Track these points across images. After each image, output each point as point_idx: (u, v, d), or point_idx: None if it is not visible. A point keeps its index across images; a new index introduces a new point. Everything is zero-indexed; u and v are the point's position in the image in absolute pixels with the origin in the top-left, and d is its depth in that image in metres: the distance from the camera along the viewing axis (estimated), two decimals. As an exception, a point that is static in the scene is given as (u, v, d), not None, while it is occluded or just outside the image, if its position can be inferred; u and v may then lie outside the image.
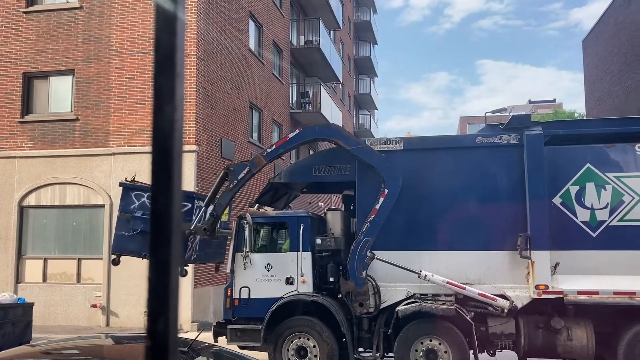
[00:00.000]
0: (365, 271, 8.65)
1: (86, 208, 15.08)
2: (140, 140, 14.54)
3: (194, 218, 9.15)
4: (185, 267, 9.99)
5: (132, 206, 9.30)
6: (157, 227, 1.08)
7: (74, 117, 15.25)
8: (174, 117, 1.07)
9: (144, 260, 13.30)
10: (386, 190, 8.71)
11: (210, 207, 9.06)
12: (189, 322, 13.89)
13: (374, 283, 8.71)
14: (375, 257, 8.62)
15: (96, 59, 15.25)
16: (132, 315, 14.20)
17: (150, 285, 1.09)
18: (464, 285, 8.44)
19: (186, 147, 14.36)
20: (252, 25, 19.50)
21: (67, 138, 15.26)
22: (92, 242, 14.99)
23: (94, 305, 14.44)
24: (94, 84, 15.22)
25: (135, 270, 13.97)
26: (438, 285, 8.51)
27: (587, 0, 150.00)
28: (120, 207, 9.50)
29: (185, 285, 14.08)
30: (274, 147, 9.39)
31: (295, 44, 25.33)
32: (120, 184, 9.73)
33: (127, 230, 9.24)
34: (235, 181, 9.15)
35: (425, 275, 8.45)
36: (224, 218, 9.90)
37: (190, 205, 9.37)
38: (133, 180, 9.57)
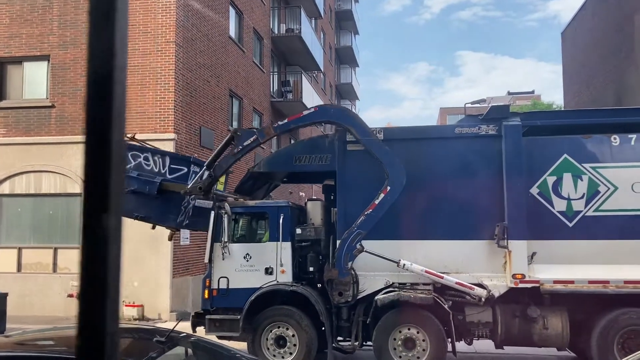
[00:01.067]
0: (351, 262, 8.66)
1: (62, 197, 14.85)
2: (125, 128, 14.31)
3: (189, 182, 9.14)
4: (175, 232, 10.06)
5: (128, 166, 9.34)
6: (91, 203, 0.88)
7: (50, 104, 14.97)
8: (112, 64, 0.87)
9: (131, 243, 13.14)
10: (388, 188, 8.64)
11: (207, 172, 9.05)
12: (167, 312, 13.82)
13: (353, 273, 8.73)
14: (365, 250, 8.62)
15: (72, 45, 14.96)
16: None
17: (83, 273, 0.88)
18: (442, 274, 8.50)
19: (164, 136, 14.21)
20: (232, 12, 19.29)
21: (43, 125, 14.99)
22: (68, 231, 14.78)
23: (70, 295, 14.26)
24: (70, 70, 14.94)
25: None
26: (416, 275, 8.56)
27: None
28: None
29: (164, 275, 13.99)
30: (286, 121, 9.28)
31: (276, 32, 25.15)
32: None
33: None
34: (240, 147, 9.06)
35: (404, 265, 8.49)
36: (220, 187, 9.88)
37: (185, 170, 9.44)
38: (132, 138, 9.68)
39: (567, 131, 8.81)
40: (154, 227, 10.44)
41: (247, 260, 9.14)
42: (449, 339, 8.52)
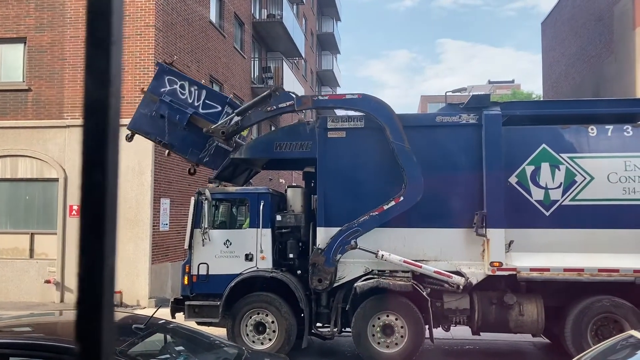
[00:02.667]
0: (340, 255, 8.70)
1: (39, 182, 14.63)
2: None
3: (219, 120, 9.19)
4: (195, 167, 10.16)
5: (162, 89, 9.38)
6: (89, 217, 0.93)
7: (26, 88, 14.68)
8: (108, 91, 0.93)
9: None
10: (402, 198, 8.60)
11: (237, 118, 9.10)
12: (146, 299, 13.75)
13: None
14: (358, 247, 8.66)
15: (49, 27, 14.65)
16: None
17: (81, 282, 0.94)
18: (420, 264, 8.58)
19: (144, 121, 14.03)
20: (213, -4, 19.05)
21: (19, 109, 14.70)
22: (45, 216, 14.59)
23: (47, 281, 14.12)
24: (47, 53, 14.65)
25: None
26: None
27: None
28: (150, 87, 9.60)
29: (143, 261, 13.90)
30: (326, 98, 9.21)
31: (258, 18, 24.92)
32: (157, 64, 9.99)
33: (150, 111, 9.35)
34: (275, 107, 9.07)
35: (383, 255, 8.55)
36: (244, 133, 10.02)
37: (219, 109, 9.45)
38: (171, 64, 9.71)
39: (546, 121, 8.91)
40: (169, 154, 10.52)
41: (227, 247, 9.12)
42: (427, 326, 8.63)
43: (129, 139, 9.50)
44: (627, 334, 4.53)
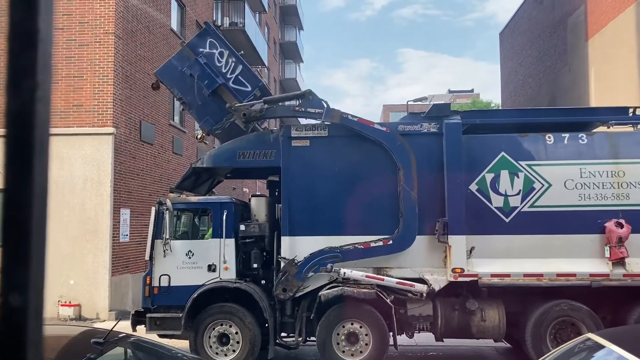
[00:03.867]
0: (313, 274, 8.67)
1: (-7, 192, 14.14)
2: (60, 121, 13.70)
3: (244, 100, 9.15)
4: (204, 136, 10.17)
5: (201, 49, 9.34)
6: (11, 244, 0.82)
7: (-21, 95, 14.20)
8: (34, 96, 0.82)
9: (67, 240, 12.74)
10: (390, 242, 8.62)
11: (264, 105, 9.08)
12: (106, 311, 13.42)
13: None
14: (333, 270, 8.63)
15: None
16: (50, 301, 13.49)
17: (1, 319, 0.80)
18: (382, 277, 8.61)
19: (103, 130, 13.76)
20: (174, 4, 18.86)
21: (-29, 117, 14.20)
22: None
23: None
24: (2, 59, 14.22)
25: (55, 255, 13.30)
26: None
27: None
28: (190, 42, 9.66)
29: (102, 273, 13.58)
30: (356, 119, 8.92)
31: (220, 25, 24.77)
32: (205, 23, 10.22)
33: (182, 66, 9.35)
34: (303, 109, 9.00)
35: (345, 273, 8.54)
36: None
37: (249, 89, 9.40)
38: (219, 28, 9.76)
39: (505, 129, 9.11)
40: (183, 111, 10.63)
41: (190, 258, 8.98)
42: (391, 333, 8.66)
43: (155, 87, 9.77)
44: (584, 337, 4.62)
